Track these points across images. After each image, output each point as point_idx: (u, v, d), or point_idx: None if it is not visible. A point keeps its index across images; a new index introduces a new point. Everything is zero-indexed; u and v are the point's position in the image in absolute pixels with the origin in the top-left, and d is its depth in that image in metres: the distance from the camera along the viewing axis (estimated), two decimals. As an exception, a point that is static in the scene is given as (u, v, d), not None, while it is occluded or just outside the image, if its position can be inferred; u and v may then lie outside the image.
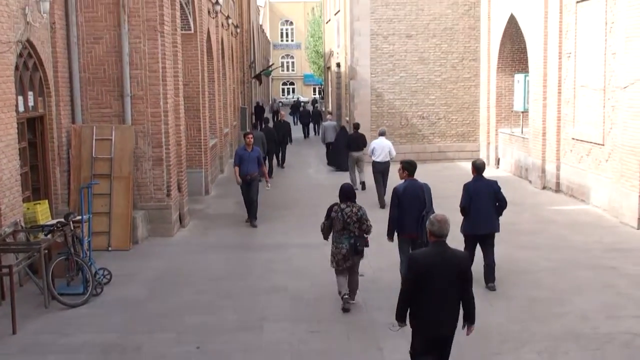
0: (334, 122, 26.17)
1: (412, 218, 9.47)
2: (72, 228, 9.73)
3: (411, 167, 9.86)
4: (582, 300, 9.40)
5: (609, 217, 14.62)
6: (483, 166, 10.25)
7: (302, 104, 52.19)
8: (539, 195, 17.81)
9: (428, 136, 25.26)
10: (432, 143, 25.24)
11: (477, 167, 10.15)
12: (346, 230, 9.04)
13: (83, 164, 12.58)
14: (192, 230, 14.34)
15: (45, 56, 11.68)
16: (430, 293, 5.81)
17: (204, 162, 18.36)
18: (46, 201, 11.41)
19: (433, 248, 5.96)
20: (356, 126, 20.07)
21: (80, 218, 10.07)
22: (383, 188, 16.48)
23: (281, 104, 56.57)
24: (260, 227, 14.42)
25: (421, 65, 24.92)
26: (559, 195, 17.50)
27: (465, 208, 9.95)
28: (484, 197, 9.93)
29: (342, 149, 20.79)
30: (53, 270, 9.31)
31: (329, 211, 9.21)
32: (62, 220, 9.84)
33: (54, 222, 10.00)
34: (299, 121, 41.11)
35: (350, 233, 9.04)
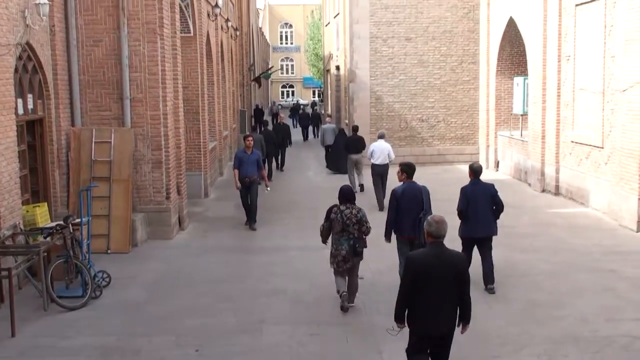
0: (333, 125, 26.19)
1: (411, 220, 9.52)
2: (72, 231, 9.72)
3: (410, 170, 9.90)
4: (582, 303, 9.40)
5: (608, 220, 14.62)
6: (480, 169, 10.27)
7: (302, 107, 52.27)
8: (538, 198, 17.82)
9: (427, 139, 25.28)
10: (432, 146, 25.26)
11: (475, 171, 10.18)
12: (345, 231, 9.07)
13: (82, 167, 12.57)
14: (192, 232, 14.33)
15: (44, 59, 11.69)
16: (427, 293, 5.85)
17: (204, 165, 18.36)
18: (45, 204, 11.42)
19: (430, 249, 6.00)
20: (355, 129, 20.08)
21: (79, 221, 10.06)
22: (382, 191, 16.50)
23: (280, 107, 56.58)
24: (259, 230, 14.42)
25: (420, 68, 24.95)
26: (558, 198, 17.51)
27: (462, 211, 9.97)
28: (482, 201, 9.96)
29: (341, 152, 20.81)
30: (52, 273, 9.30)
31: (329, 213, 9.24)
32: (62, 222, 9.84)
33: (53, 225, 10.00)
34: (298, 124, 41.14)
35: (349, 235, 9.07)
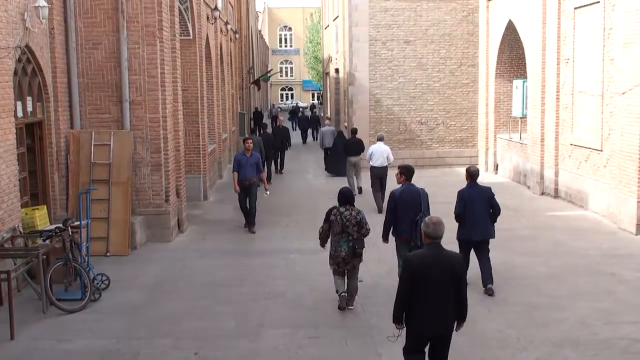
0: (333, 127, 26.19)
1: (408, 222, 9.58)
2: (71, 233, 9.72)
3: (408, 172, 9.97)
4: (581, 306, 9.39)
5: (608, 223, 14.63)
6: (477, 173, 10.32)
7: (301, 110, 52.26)
8: (538, 201, 17.82)
9: (426, 142, 25.28)
10: (431, 149, 25.26)
11: (472, 174, 10.23)
12: (345, 233, 9.12)
13: (81, 170, 12.57)
14: (191, 235, 14.33)
15: (44, 62, 11.69)
16: (425, 293, 5.90)
17: (203, 168, 18.36)
18: (44, 206, 11.41)
19: (428, 249, 6.06)
20: (354, 131, 20.10)
21: (78, 223, 10.07)
22: (381, 193, 16.52)
23: (280, 110, 56.58)
24: (258, 233, 14.41)
25: (420, 71, 24.96)
26: (558, 201, 17.51)
27: (460, 215, 10.01)
28: (479, 204, 9.99)
29: (340, 154, 20.82)
30: (51, 275, 9.29)
31: (328, 214, 9.29)
32: (61, 225, 9.83)
33: (53, 228, 9.99)
34: (298, 126, 41.15)
35: (349, 236, 9.12)
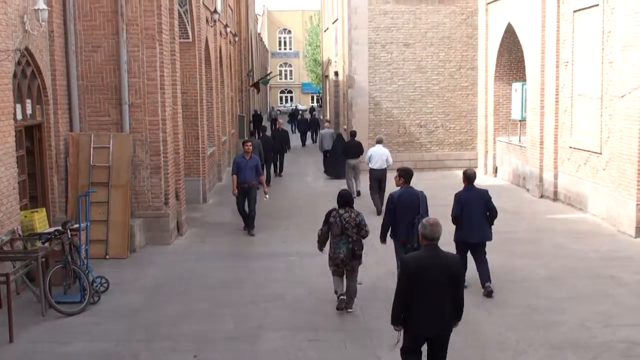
0: (332, 130, 26.21)
1: (406, 224, 9.62)
2: (70, 236, 9.71)
3: (407, 175, 10.03)
4: (580, 309, 9.39)
5: (607, 226, 14.63)
6: (474, 176, 10.39)
7: (300, 112, 52.28)
8: (537, 203, 17.82)
9: (426, 144, 25.29)
10: (430, 151, 25.27)
11: (468, 177, 10.30)
12: (344, 235, 9.15)
13: (81, 172, 12.57)
14: (190, 238, 14.32)
15: (43, 64, 11.69)
16: (423, 294, 5.93)
17: (202, 170, 18.37)
18: (44, 209, 11.40)
19: (425, 251, 6.09)
20: (353, 134, 20.13)
21: (77, 226, 10.06)
22: (379, 195, 16.55)
23: (279, 112, 56.60)
24: (258, 236, 14.40)
25: (419, 73, 24.97)
26: (557, 203, 17.51)
27: (457, 217, 10.08)
28: (476, 206, 10.06)
29: (339, 157, 20.85)
30: (50, 278, 9.28)
31: (327, 216, 9.33)
32: (60, 228, 9.82)
33: (52, 230, 9.97)
34: (297, 129, 41.19)
35: (348, 238, 9.15)
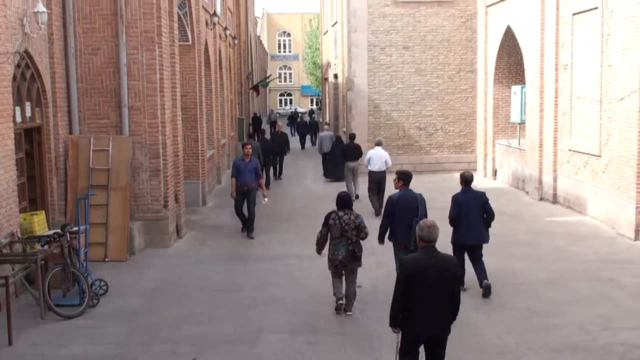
0: (331, 132, 26.23)
1: (404, 227, 9.62)
2: (69, 239, 9.71)
3: (406, 178, 10.08)
4: (580, 311, 9.39)
5: (606, 229, 14.63)
6: (471, 178, 10.44)
7: (300, 115, 52.31)
8: (536, 206, 17.83)
9: (425, 147, 25.30)
10: (430, 154, 25.28)
11: (466, 179, 10.36)
12: (344, 237, 9.18)
13: (80, 175, 12.57)
14: (189, 241, 14.31)
15: (43, 67, 11.70)
16: (421, 296, 5.96)
17: (201, 173, 18.36)
18: (43, 212, 11.39)
19: (423, 253, 6.12)
20: (352, 136, 20.16)
21: (77, 229, 10.05)
22: (379, 197, 16.59)
23: (278, 115, 56.62)
24: (257, 239, 14.39)
25: (418, 76, 24.99)
26: (556, 206, 17.52)
27: (454, 219, 10.15)
28: (473, 209, 10.14)
29: (338, 159, 20.87)
30: (49, 281, 9.26)
31: (327, 219, 9.34)
32: (59, 231, 9.82)
33: (51, 233, 9.98)
34: (296, 132, 41.23)
35: (348, 240, 9.17)
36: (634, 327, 8.75)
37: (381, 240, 10.06)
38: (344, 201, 9.38)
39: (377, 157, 16.91)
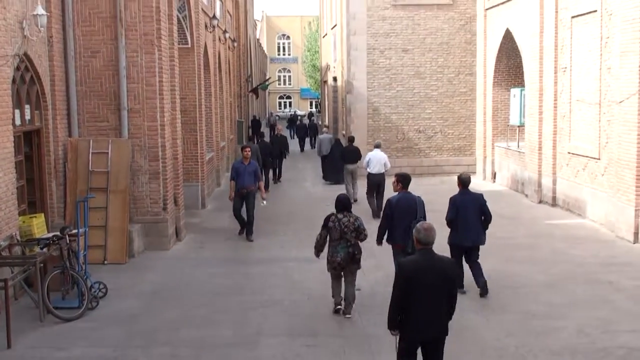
0: (330, 135, 26.23)
1: (402, 229, 9.64)
2: (68, 242, 9.70)
3: (405, 180, 10.12)
4: (579, 314, 9.39)
5: (605, 231, 14.63)
6: (469, 180, 10.52)
7: (299, 118, 52.32)
8: (536, 209, 17.83)
9: (424, 150, 25.31)
10: (429, 157, 25.29)
11: (463, 181, 10.42)
12: (343, 239, 9.21)
13: (79, 178, 12.57)
14: (189, 244, 14.31)
15: (42, 70, 11.70)
16: (419, 298, 5.98)
17: (201, 176, 18.36)
18: (42, 214, 11.39)
19: (421, 255, 6.14)
20: (351, 139, 20.17)
21: (76, 231, 10.05)
22: (378, 199, 16.64)
23: (278, 118, 56.61)
24: (256, 241, 14.39)
25: (418, 79, 25.00)
26: (556, 209, 17.52)
27: (452, 221, 10.22)
28: (471, 210, 10.21)
29: (337, 162, 20.90)
30: (48, 283, 9.25)
31: (326, 221, 9.37)
32: (58, 233, 9.81)
33: (50, 236, 9.97)
34: (296, 134, 41.26)
35: (347, 242, 9.20)
36: (633, 330, 8.75)
37: (379, 241, 10.11)
38: (343, 203, 9.42)
39: (376, 160, 16.94)
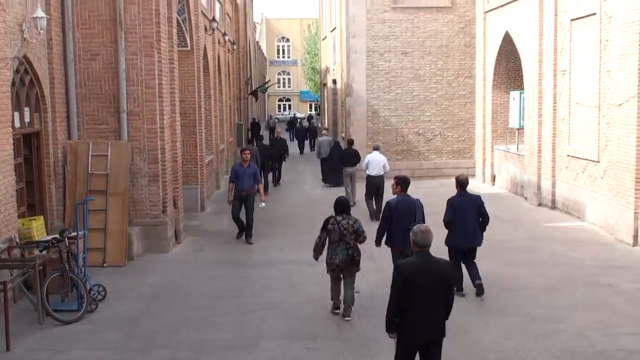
0: (330, 138, 26.24)
1: (401, 232, 9.66)
2: (67, 244, 9.69)
3: (404, 183, 10.16)
4: (578, 317, 9.38)
5: (605, 234, 14.63)
6: (466, 181, 10.56)
7: (299, 120, 52.34)
8: (535, 212, 17.83)
9: (424, 153, 25.31)
10: (428, 160, 25.29)
11: (461, 182, 10.46)
12: (342, 241, 9.24)
13: (79, 180, 12.56)
14: (188, 246, 14.30)
15: (41, 72, 11.70)
16: (416, 300, 5.99)
17: (200, 179, 18.36)
18: (41, 217, 11.38)
19: (418, 257, 6.16)
20: (350, 142, 20.19)
21: (75, 234, 10.04)
22: (377, 202, 16.68)
23: (277, 120, 56.62)
24: (255, 244, 14.38)
25: (417, 82, 25.02)
26: (555, 212, 17.52)
27: (449, 222, 10.25)
28: (468, 212, 10.25)
29: (336, 164, 20.91)
30: (47, 286, 9.25)
31: (325, 223, 9.40)
32: (57, 236, 9.80)
33: (49, 238, 9.95)
34: (295, 137, 41.29)
35: (346, 244, 9.23)
36: (633, 333, 8.75)
37: (378, 243, 10.16)
38: (342, 206, 9.46)
39: (375, 162, 16.95)
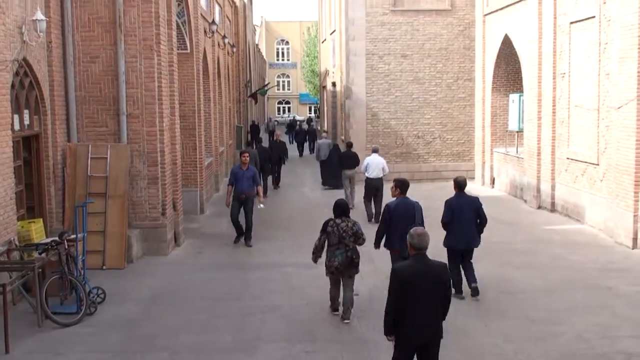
0: (329, 140, 26.25)
1: (401, 234, 9.65)
2: (67, 247, 9.69)
3: (403, 186, 10.19)
4: (578, 320, 9.38)
5: (604, 237, 14.63)
6: (465, 183, 10.60)
7: (298, 123, 52.38)
8: (534, 214, 17.83)
9: (423, 155, 25.32)
10: (428, 162, 25.30)
11: (459, 184, 10.50)
12: (341, 244, 9.27)
13: (78, 183, 12.56)
14: (187, 249, 14.29)
15: (41, 75, 11.70)
16: (413, 302, 6.03)
17: (199, 181, 18.35)
18: (41, 220, 11.38)
19: (415, 260, 6.21)
20: (349, 144, 20.18)
21: (74, 237, 10.03)
22: (376, 204, 16.68)
23: (277, 123, 56.64)
24: (255, 247, 14.38)
25: (416, 84, 25.03)
26: (554, 214, 17.52)
27: (447, 224, 10.29)
28: (466, 213, 10.29)
29: (336, 167, 20.91)
30: (47, 289, 9.26)
31: (325, 226, 9.44)
32: (57, 238, 9.80)
33: (49, 241, 9.95)
34: (294, 140, 41.32)
35: (345, 247, 9.26)
36: (633, 336, 8.75)
37: (377, 245, 10.20)
38: (341, 208, 9.49)
39: (374, 164, 16.97)
